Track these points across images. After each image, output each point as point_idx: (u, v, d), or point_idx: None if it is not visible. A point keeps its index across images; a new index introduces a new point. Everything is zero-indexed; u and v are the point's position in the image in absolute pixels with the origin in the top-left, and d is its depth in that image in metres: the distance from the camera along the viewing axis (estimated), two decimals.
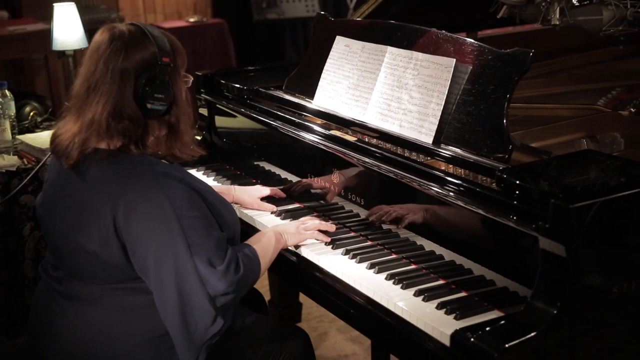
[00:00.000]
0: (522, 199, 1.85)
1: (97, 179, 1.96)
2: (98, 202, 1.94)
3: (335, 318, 2.25)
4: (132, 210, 1.91)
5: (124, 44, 1.96)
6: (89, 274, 2.01)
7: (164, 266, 1.91)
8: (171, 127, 2.04)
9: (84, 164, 1.98)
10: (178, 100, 2.04)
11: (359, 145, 2.36)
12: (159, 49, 1.97)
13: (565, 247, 1.73)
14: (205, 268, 1.93)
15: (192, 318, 1.93)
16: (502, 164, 2.03)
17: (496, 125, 2.13)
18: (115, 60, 1.95)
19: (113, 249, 1.94)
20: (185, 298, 1.92)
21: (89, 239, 1.95)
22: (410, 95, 2.34)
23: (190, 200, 1.96)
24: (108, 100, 1.94)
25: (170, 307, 1.93)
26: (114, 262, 1.96)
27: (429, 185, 2.09)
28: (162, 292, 1.93)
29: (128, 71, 1.95)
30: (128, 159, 1.97)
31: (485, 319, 1.86)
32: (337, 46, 2.66)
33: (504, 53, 2.18)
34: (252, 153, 2.94)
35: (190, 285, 1.91)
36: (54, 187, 2.08)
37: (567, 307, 1.74)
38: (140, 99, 1.96)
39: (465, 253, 2.07)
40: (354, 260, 2.20)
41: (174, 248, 1.91)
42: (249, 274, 2.05)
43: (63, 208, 2.03)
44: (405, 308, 1.94)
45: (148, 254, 1.92)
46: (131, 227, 1.91)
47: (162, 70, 1.98)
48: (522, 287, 1.92)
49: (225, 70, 3.32)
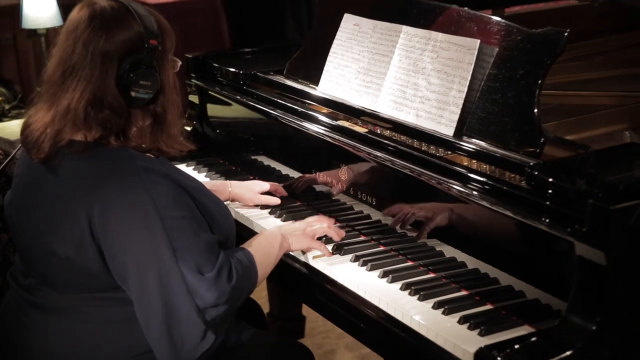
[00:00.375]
0: (556, 199, 1.84)
1: (71, 175, 1.96)
2: (72, 201, 1.94)
3: (343, 333, 2.26)
4: (109, 210, 1.91)
5: (106, 23, 1.95)
6: (63, 282, 2.01)
7: (146, 274, 1.91)
8: (157, 118, 2.04)
9: (57, 158, 1.97)
10: (165, 88, 2.04)
11: (370, 137, 2.36)
12: (145, 30, 1.97)
13: (604, 253, 1.72)
14: (192, 276, 1.92)
15: (178, 333, 1.92)
16: (532, 159, 2.03)
17: (526, 115, 2.12)
18: (96, 42, 1.94)
19: (89, 253, 1.94)
20: (170, 310, 1.91)
21: (62, 243, 1.95)
22: (428, 81, 2.34)
23: (176, 199, 1.96)
24: (87, 86, 1.94)
25: (154, 321, 1.92)
26: (90, 269, 1.96)
27: (449, 183, 2.09)
28: (144, 304, 1.93)
29: (110, 54, 1.95)
30: (106, 152, 1.97)
31: (514, 335, 1.85)
32: (346, 25, 2.66)
33: (535, 33, 2.17)
34: (249, 146, 2.94)
35: (176, 296, 1.91)
36: (24, 183, 2.08)
37: (608, 323, 1.74)
38: (123, 85, 1.96)
39: (491, 260, 2.07)
40: (364, 267, 2.21)
41: (157, 253, 1.91)
42: (243, 282, 2.04)
43: (33, 207, 2.03)
44: (422, 322, 1.94)
45: (128, 259, 1.91)
46: (109, 229, 1.91)
47: (149, 54, 1.97)
48: (556, 299, 1.91)
49: (219, 52, 3.32)
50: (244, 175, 2.90)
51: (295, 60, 2.87)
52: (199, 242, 1.96)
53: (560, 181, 1.85)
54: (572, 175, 1.89)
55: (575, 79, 2.90)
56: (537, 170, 1.90)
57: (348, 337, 2.23)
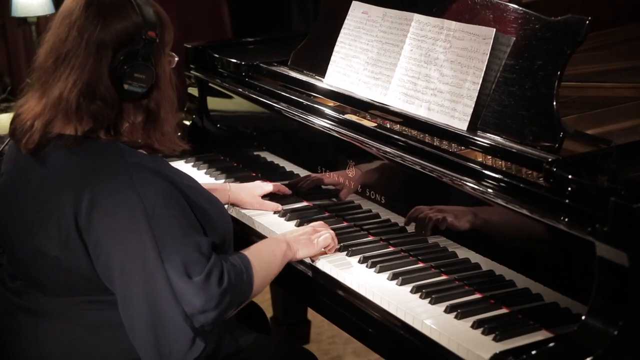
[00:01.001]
0: (576, 197, 1.84)
1: (59, 168, 1.97)
2: (58, 196, 1.94)
3: (350, 338, 2.26)
4: (95, 206, 1.91)
5: (103, 10, 1.96)
6: (52, 283, 2.02)
7: (131, 275, 1.91)
8: (149, 114, 2.04)
9: (46, 150, 1.98)
10: (160, 83, 2.04)
11: (379, 132, 2.37)
12: (144, 20, 1.97)
13: (627, 254, 1.72)
14: (179, 279, 1.90)
15: (165, 340, 1.91)
16: (551, 155, 2.03)
17: (544, 108, 2.12)
18: (92, 30, 1.95)
19: (76, 252, 1.94)
20: (156, 315, 1.90)
21: (49, 241, 1.96)
22: (441, 73, 2.34)
23: (166, 197, 1.95)
24: (80, 75, 1.95)
25: (139, 325, 1.92)
26: (78, 269, 1.96)
27: (463, 180, 2.09)
28: (128, 307, 1.92)
29: (105, 43, 1.95)
30: (96, 146, 1.98)
31: (531, 340, 1.85)
32: (354, 13, 2.66)
33: (554, 21, 2.18)
34: (251, 141, 2.95)
35: (161, 300, 1.90)
36: (11, 179, 2.09)
37: (630, 327, 1.74)
38: (116, 77, 1.96)
39: (507, 262, 2.08)
40: (372, 269, 2.21)
41: (142, 254, 1.90)
42: (235, 288, 2.01)
43: (20, 204, 2.04)
44: (434, 327, 1.94)
45: (113, 260, 1.91)
46: (94, 226, 1.91)
47: (146, 46, 1.98)
48: (575, 302, 1.91)
49: (220, 42, 3.33)
50: (246, 173, 2.91)
51: (300, 51, 2.87)
52: (188, 243, 1.94)
53: (580, 178, 1.85)
54: (593, 172, 1.89)
55: (597, 70, 2.90)
56: (556, 167, 1.90)
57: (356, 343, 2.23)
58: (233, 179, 2.83)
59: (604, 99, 2.63)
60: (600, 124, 2.40)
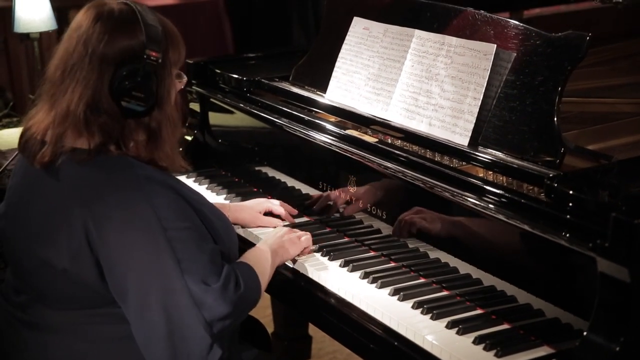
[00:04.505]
0: (577, 213, 1.84)
1: (69, 181, 1.97)
2: (69, 208, 1.95)
3: (351, 354, 2.25)
4: (108, 219, 1.92)
5: (110, 26, 1.97)
6: (58, 296, 2.02)
7: (148, 287, 1.91)
8: (151, 133, 2.04)
9: (57, 164, 1.99)
10: (163, 103, 2.03)
11: (380, 147, 2.37)
12: (147, 39, 1.97)
13: (628, 270, 1.72)
14: (198, 287, 1.92)
15: (183, 350, 1.92)
16: (552, 170, 2.03)
17: (545, 124, 2.13)
18: (97, 44, 1.95)
19: (86, 265, 1.94)
20: (174, 325, 1.91)
21: (58, 253, 1.96)
22: (442, 88, 2.35)
23: (178, 210, 1.97)
24: (85, 89, 1.95)
25: (156, 338, 1.92)
26: (87, 283, 1.96)
27: (464, 195, 2.09)
28: (145, 320, 1.92)
29: (108, 59, 1.96)
30: (107, 160, 1.98)
31: (533, 356, 1.86)
32: (355, 29, 2.66)
33: (555, 37, 2.18)
34: (252, 157, 2.95)
35: (180, 310, 1.91)
36: (19, 192, 2.09)
37: (632, 344, 1.73)
38: (116, 94, 1.96)
39: (508, 277, 2.07)
40: (374, 284, 2.21)
41: (159, 264, 1.91)
42: (250, 292, 2.05)
43: (29, 216, 2.04)
44: (435, 342, 1.94)
45: (128, 272, 1.92)
46: (107, 239, 1.92)
47: (148, 65, 1.97)
48: (577, 318, 1.91)
49: (221, 58, 3.34)
50: (248, 188, 2.91)
51: (301, 66, 2.88)
52: (202, 253, 1.96)
53: (581, 193, 1.85)
54: (594, 187, 1.89)
55: (598, 85, 2.91)
56: (557, 182, 1.91)
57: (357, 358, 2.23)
58: (234, 194, 2.83)
59: (605, 114, 2.63)
60: (601, 139, 2.40)
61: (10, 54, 5.62)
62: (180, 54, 2.08)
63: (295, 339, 3.55)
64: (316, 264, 2.33)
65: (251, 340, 2.33)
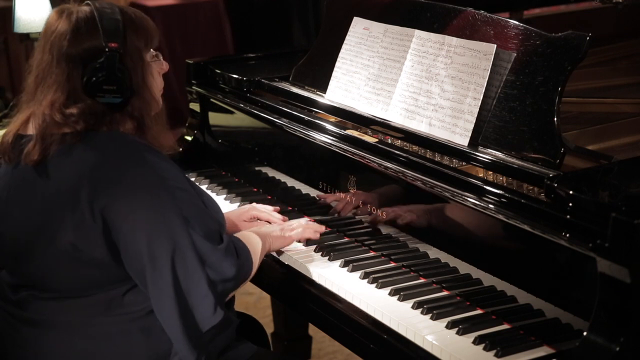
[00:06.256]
0: (577, 213, 1.84)
1: (67, 164, 1.99)
2: (69, 185, 1.96)
3: (351, 354, 2.25)
4: (113, 185, 1.95)
5: (71, 27, 2.00)
6: (63, 282, 2.02)
7: (157, 243, 1.94)
8: (136, 121, 2.06)
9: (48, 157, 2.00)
10: (140, 90, 2.06)
11: (380, 147, 2.37)
12: (104, 32, 1.99)
13: (628, 270, 1.72)
14: (203, 244, 1.98)
15: (190, 307, 1.96)
16: (552, 171, 2.03)
17: (545, 124, 2.13)
18: (61, 46, 1.99)
19: (92, 236, 1.95)
20: (181, 278, 1.95)
21: (62, 230, 1.96)
22: (442, 88, 2.35)
23: (178, 174, 2.03)
24: (57, 94, 1.98)
25: (166, 293, 1.95)
26: (93, 257, 1.97)
27: (464, 195, 2.09)
28: (155, 274, 1.94)
29: (73, 58, 1.99)
30: (101, 135, 2.01)
31: (533, 356, 1.86)
32: (355, 29, 2.66)
33: (555, 37, 2.18)
34: (252, 157, 2.95)
35: (186, 262, 1.95)
36: (7, 191, 2.08)
37: (632, 344, 1.73)
38: (90, 91, 1.99)
39: (508, 277, 2.07)
40: (373, 285, 2.21)
41: (167, 220, 1.95)
42: (246, 263, 2.12)
43: (24, 208, 2.04)
44: (435, 343, 1.94)
45: (136, 232, 1.94)
46: (113, 203, 1.94)
47: (110, 57, 1.99)
48: (577, 318, 1.91)
49: (221, 58, 3.34)
50: (248, 188, 2.91)
51: (301, 66, 2.88)
52: (205, 214, 2.04)
53: (581, 193, 1.85)
54: (594, 188, 1.89)
55: (598, 86, 2.91)
56: (557, 182, 1.91)
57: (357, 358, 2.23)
58: (234, 194, 2.83)
59: (605, 114, 2.63)
60: (601, 139, 2.41)
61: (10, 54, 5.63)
62: (147, 37, 2.09)
63: (295, 339, 3.55)
64: (316, 264, 2.33)
65: (249, 338, 2.33)
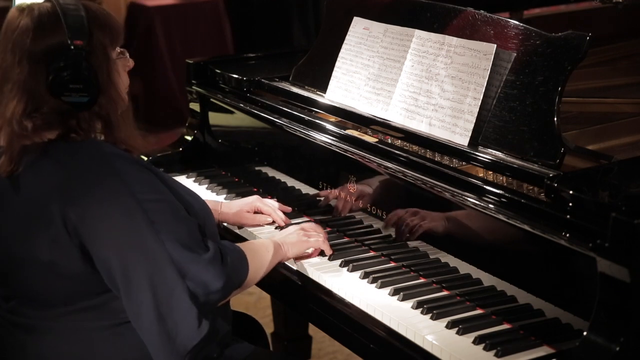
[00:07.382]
0: (577, 213, 1.84)
1: (37, 175, 1.95)
2: (42, 201, 1.92)
3: (351, 354, 2.25)
4: (83, 200, 1.90)
5: (33, 26, 1.93)
6: (47, 294, 2.00)
7: (131, 260, 1.89)
8: (103, 120, 2.01)
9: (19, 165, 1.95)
10: (106, 88, 1.99)
11: (380, 147, 2.37)
12: (68, 30, 1.92)
13: (628, 270, 1.72)
14: (180, 256, 1.91)
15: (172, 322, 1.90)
16: (552, 171, 2.03)
17: (545, 124, 2.12)
18: (23, 45, 1.92)
19: (69, 252, 1.92)
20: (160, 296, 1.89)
21: (38, 246, 1.94)
22: (442, 88, 2.35)
23: (150, 183, 1.96)
24: (21, 94, 1.92)
25: (146, 311, 1.90)
26: (72, 271, 1.94)
27: (464, 195, 2.09)
28: (132, 294, 1.90)
29: (36, 57, 1.92)
30: (70, 145, 1.96)
31: (533, 356, 1.85)
32: (355, 29, 2.66)
33: (555, 37, 2.18)
34: (252, 157, 2.95)
35: (164, 278, 1.89)
36: None
37: (632, 344, 1.73)
38: (55, 91, 1.92)
39: (508, 277, 2.07)
40: (374, 284, 2.21)
41: (139, 236, 1.90)
42: (236, 271, 2.05)
43: (2, 221, 2.02)
44: (435, 342, 1.94)
45: (109, 249, 1.90)
46: (84, 219, 1.89)
47: (75, 55, 1.92)
48: (577, 318, 1.91)
49: (221, 58, 3.34)
50: (248, 188, 2.91)
51: (301, 66, 2.88)
52: (180, 223, 1.96)
53: (581, 193, 1.85)
54: (594, 187, 1.89)
55: (598, 86, 2.91)
56: (557, 182, 1.91)
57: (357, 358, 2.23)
58: (234, 194, 2.83)
59: (605, 114, 2.63)
60: (601, 139, 2.41)
61: None
62: (112, 33, 2.02)
63: (295, 339, 3.54)
64: (316, 264, 2.33)
65: (247, 338, 2.33)
